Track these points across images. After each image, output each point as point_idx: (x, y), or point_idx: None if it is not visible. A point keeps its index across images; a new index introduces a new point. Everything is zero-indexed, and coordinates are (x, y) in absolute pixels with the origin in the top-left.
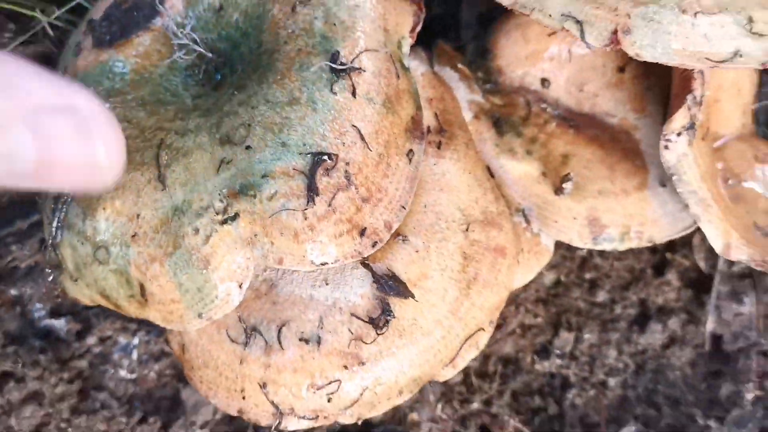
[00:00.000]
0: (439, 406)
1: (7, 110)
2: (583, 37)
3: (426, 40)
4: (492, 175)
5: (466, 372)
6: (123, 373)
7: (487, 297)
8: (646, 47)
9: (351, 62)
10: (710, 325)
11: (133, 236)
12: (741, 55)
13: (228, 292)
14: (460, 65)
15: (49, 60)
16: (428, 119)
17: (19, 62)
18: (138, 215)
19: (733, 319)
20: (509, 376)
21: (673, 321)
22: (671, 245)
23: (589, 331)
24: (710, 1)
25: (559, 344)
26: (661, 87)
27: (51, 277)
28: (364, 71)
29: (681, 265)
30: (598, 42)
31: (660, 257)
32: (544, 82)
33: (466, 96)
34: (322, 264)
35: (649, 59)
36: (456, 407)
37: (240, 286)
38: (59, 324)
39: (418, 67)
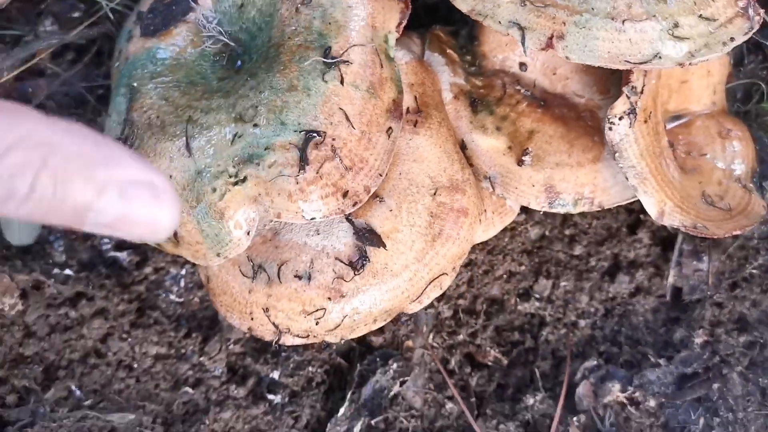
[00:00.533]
0: (431, 335)
1: (106, 179)
2: (522, 43)
3: (428, 23)
4: (465, 148)
5: (455, 309)
6: (172, 297)
7: (449, 248)
8: (575, 51)
9: (341, 56)
10: (672, 278)
11: None
12: (660, 57)
13: (239, 237)
14: (448, 50)
15: (111, 39)
16: (408, 101)
17: (117, 145)
18: (171, 176)
19: (693, 274)
20: (493, 314)
21: (641, 273)
22: None
23: (565, 280)
24: (640, 8)
25: (539, 289)
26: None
27: None
28: (351, 63)
29: (653, 225)
30: (535, 46)
31: (635, 217)
32: (522, 65)
33: (448, 79)
34: (312, 219)
35: (577, 61)
36: (445, 337)
37: (248, 234)
38: (122, 255)
39: (404, 56)
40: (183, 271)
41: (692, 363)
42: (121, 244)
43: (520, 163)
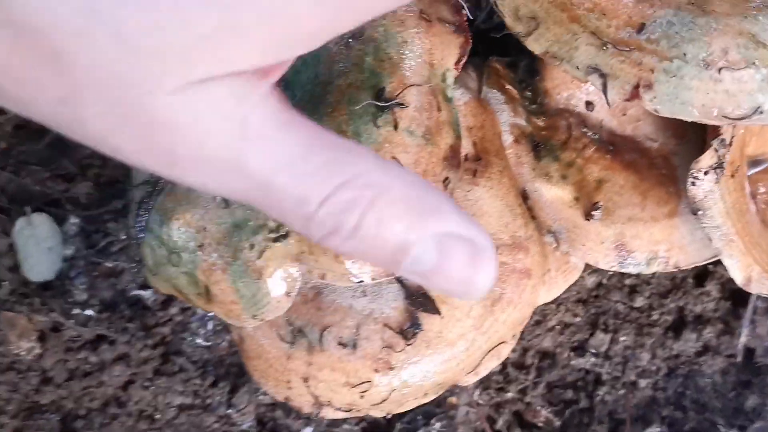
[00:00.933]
0: (477, 392)
1: (427, 228)
2: (604, 92)
3: (484, 51)
4: (527, 198)
5: (504, 363)
6: (199, 340)
7: (510, 314)
8: (665, 102)
9: (395, 97)
10: (744, 337)
11: (200, 246)
12: (761, 112)
13: (278, 299)
14: (507, 86)
15: None
16: (467, 147)
17: (444, 196)
18: (204, 228)
19: (767, 334)
20: (545, 369)
21: (709, 330)
22: None
23: (624, 334)
24: (737, 55)
25: (595, 343)
26: None
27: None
28: (407, 106)
29: (722, 276)
30: (618, 96)
31: (703, 267)
32: (589, 105)
33: (508, 119)
34: (360, 281)
35: (668, 115)
36: (492, 394)
37: (288, 295)
38: (147, 294)
39: (462, 96)
40: (211, 312)
41: None
42: (145, 282)
43: (588, 217)
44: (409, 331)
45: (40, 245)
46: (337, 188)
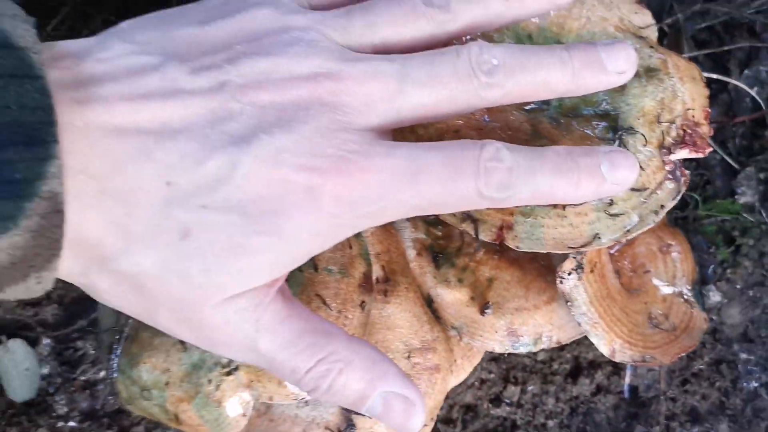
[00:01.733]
0: None
1: (373, 387)
2: (476, 235)
3: None
4: (431, 302)
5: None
6: None
7: (426, 403)
8: (523, 240)
9: None
10: (629, 377)
11: (166, 384)
12: (599, 238)
13: (236, 419)
14: None
15: None
16: (377, 271)
17: (390, 364)
18: (168, 369)
19: (647, 373)
20: (469, 421)
21: (600, 374)
22: None
23: (532, 384)
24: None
25: (508, 394)
26: None
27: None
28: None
29: None
30: (487, 238)
31: None
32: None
33: (410, 235)
34: (302, 399)
35: (526, 249)
36: None
37: (244, 415)
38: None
39: (369, 228)
40: None
41: None
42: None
43: (482, 313)
44: (346, 430)
45: (18, 368)
46: (317, 363)
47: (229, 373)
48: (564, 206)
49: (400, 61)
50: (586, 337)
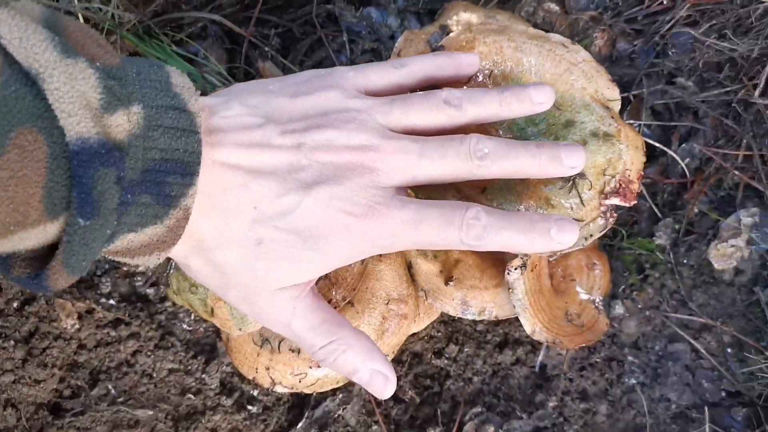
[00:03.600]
0: None
1: (365, 365)
2: None
3: None
4: (411, 267)
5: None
6: (185, 326)
7: (392, 340)
8: None
9: None
10: (541, 356)
11: None
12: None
13: (255, 323)
14: (409, 191)
15: None
16: None
17: (375, 347)
18: None
19: (555, 356)
20: (414, 365)
21: (521, 349)
22: None
23: (468, 346)
24: (537, 213)
25: (449, 351)
26: None
27: (162, 289)
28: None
29: None
30: None
31: None
32: None
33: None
34: None
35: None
36: None
37: None
38: (151, 291)
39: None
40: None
41: (545, 419)
42: (151, 283)
43: (447, 283)
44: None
45: None
46: (330, 342)
47: None
48: None
49: (421, 142)
50: (516, 319)
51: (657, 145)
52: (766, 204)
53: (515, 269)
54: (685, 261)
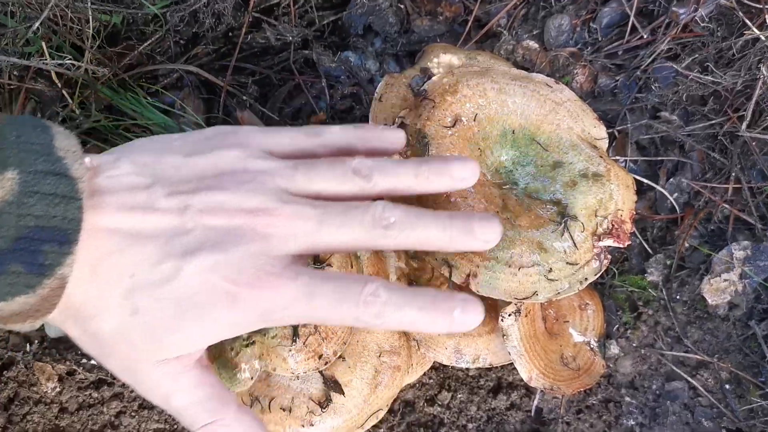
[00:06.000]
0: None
1: None
2: (449, 277)
3: None
4: None
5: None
6: None
7: (386, 393)
8: (483, 287)
9: (325, 260)
10: (537, 401)
11: None
12: (537, 295)
13: (246, 380)
14: None
15: None
16: None
17: (256, 423)
18: None
19: (551, 399)
20: (406, 414)
21: (515, 394)
22: None
23: (461, 393)
24: (529, 258)
25: (441, 398)
26: None
27: None
28: (332, 266)
29: None
30: (457, 280)
31: None
32: None
33: (394, 263)
34: (297, 373)
35: (485, 294)
36: (370, 430)
37: (251, 378)
38: None
39: (365, 253)
40: None
41: None
42: None
43: (438, 333)
44: (324, 402)
45: None
46: (213, 422)
47: (247, 345)
48: (519, 267)
49: (321, 208)
50: (510, 364)
51: (645, 180)
52: (757, 236)
53: (509, 315)
54: (678, 297)
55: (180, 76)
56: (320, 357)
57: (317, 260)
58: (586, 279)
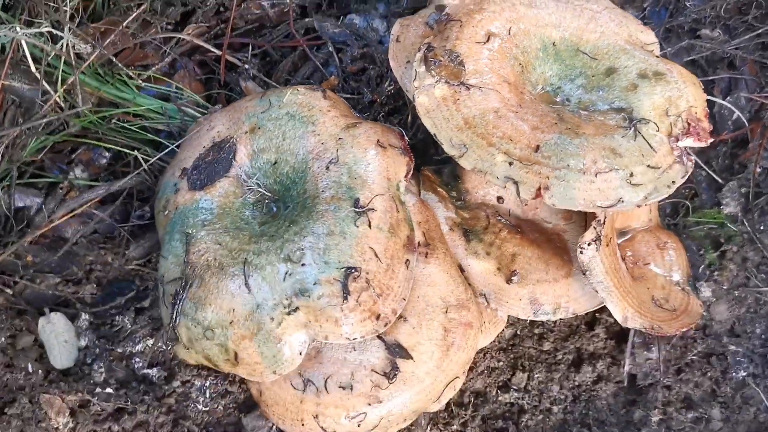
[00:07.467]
0: (429, 427)
1: None
2: (518, 194)
3: (415, 161)
4: (462, 271)
5: (447, 403)
6: (200, 406)
7: (460, 356)
8: (559, 199)
9: (367, 205)
10: (627, 366)
11: (230, 322)
12: (623, 201)
13: (293, 357)
14: (439, 188)
15: (146, 185)
16: (418, 236)
17: None
18: (233, 309)
19: (644, 362)
20: (479, 405)
21: (601, 364)
22: (601, 307)
23: (538, 372)
24: (603, 164)
25: (516, 381)
26: None
27: (170, 347)
28: (376, 210)
29: (607, 321)
30: (527, 196)
31: (592, 315)
32: (499, 199)
33: (443, 214)
34: (353, 339)
35: (561, 207)
36: (441, 428)
37: (300, 354)
38: (152, 372)
39: (410, 199)
40: (207, 383)
41: None
42: (151, 362)
43: (509, 281)
44: (390, 372)
45: (58, 339)
46: None
47: (289, 313)
48: (595, 173)
49: None
50: (588, 330)
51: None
52: None
53: (588, 245)
54: (762, 227)
55: (173, 60)
56: (378, 317)
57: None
58: (673, 182)
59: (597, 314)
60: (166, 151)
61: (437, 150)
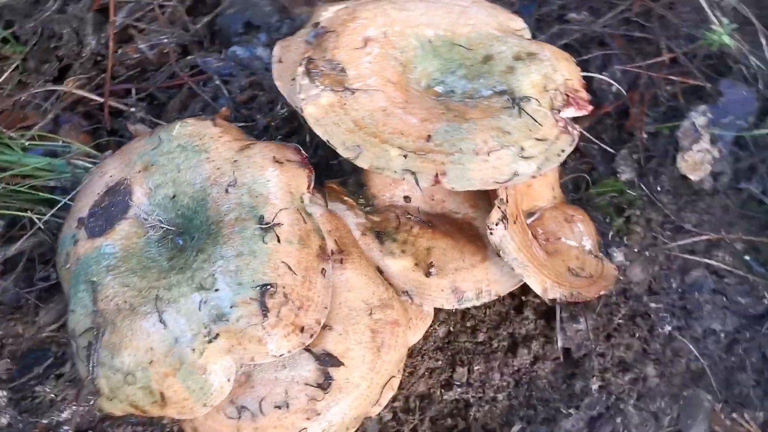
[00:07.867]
0: None
1: None
2: (417, 183)
3: (318, 178)
4: (381, 272)
5: (394, 411)
6: None
7: (392, 355)
8: (456, 182)
9: (273, 221)
10: (560, 342)
11: (150, 362)
12: (518, 174)
13: (221, 386)
14: (346, 198)
15: (46, 246)
16: (331, 245)
17: None
18: (151, 348)
19: (575, 334)
20: (426, 407)
21: (535, 344)
22: (526, 290)
23: (477, 364)
24: (494, 142)
25: (458, 377)
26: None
27: (92, 402)
28: (282, 224)
29: (534, 303)
30: (426, 184)
31: (519, 300)
32: (406, 198)
33: (353, 220)
34: (281, 355)
35: (460, 189)
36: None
37: (228, 380)
38: None
39: (317, 210)
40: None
41: (595, 406)
42: (79, 428)
43: (428, 275)
44: (324, 383)
45: None
46: None
47: (210, 341)
48: (487, 152)
49: None
50: (516, 315)
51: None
52: (710, 95)
53: (497, 224)
54: (659, 188)
55: (56, 117)
56: (302, 330)
57: (265, 229)
58: (563, 150)
59: (524, 298)
60: (59, 206)
61: (341, 164)
